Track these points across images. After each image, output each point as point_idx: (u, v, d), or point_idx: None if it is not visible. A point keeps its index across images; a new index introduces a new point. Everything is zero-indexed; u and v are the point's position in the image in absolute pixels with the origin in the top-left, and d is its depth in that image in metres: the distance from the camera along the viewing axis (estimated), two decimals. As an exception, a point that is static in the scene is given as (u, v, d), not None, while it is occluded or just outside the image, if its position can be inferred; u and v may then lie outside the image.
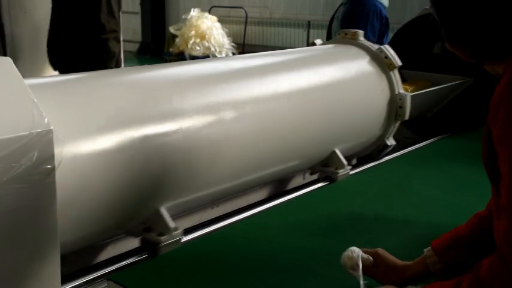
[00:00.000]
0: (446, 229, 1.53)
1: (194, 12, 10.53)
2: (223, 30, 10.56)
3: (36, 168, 1.26)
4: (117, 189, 1.60)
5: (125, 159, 1.60)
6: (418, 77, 3.31)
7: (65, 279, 1.56)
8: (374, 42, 4.06)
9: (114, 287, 1.54)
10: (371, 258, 1.42)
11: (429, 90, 3.01)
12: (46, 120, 1.28)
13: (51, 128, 1.28)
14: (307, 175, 2.58)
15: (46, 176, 1.28)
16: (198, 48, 10.08)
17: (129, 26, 12.10)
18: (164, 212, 1.78)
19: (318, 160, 2.44)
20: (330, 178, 2.44)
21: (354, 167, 2.63)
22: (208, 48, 10.03)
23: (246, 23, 11.25)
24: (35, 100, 1.30)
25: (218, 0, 11.63)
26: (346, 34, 2.76)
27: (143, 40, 12.65)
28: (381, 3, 4.80)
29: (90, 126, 1.56)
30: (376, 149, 2.74)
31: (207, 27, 10.31)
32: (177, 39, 10.45)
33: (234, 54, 9.84)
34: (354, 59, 2.65)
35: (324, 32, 5.97)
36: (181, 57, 9.80)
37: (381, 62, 2.63)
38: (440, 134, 3.14)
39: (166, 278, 1.57)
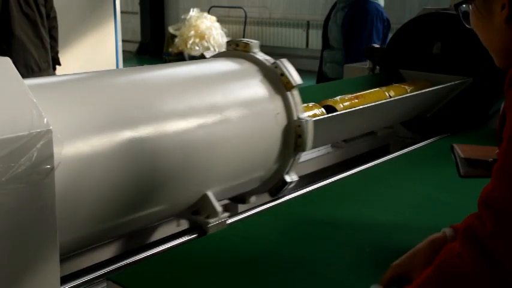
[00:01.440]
0: (445, 229, 1.52)
1: (193, 12, 10.56)
2: (222, 30, 10.59)
3: (35, 168, 1.26)
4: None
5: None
6: (417, 77, 3.32)
7: (65, 279, 1.57)
8: (379, 45, 4.06)
9: (113, 287, 1.54)
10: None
11: (425, 91, 3.01)
12: (45, 120, 1.28)
13: (51, 128, 1.29)
14: (182, 221, 2.08)
15: (45, 176, 1.28)
16: (197, 48, 10.11)
17: (129, 26, 12.12)
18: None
19: (185, 206, 1.91)
20: (201, 229, 1.92)
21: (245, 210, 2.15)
22: (208, 48, 10.06)
23: (245, 23, 11.27)
24: (34, 100, 1.31)
25: (217, 0, 11.65)
26: (237, 45, 2.22)
27: (142, 40, 12.68)
28: (380, 5, 4.79)
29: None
30: (275, 187, 2.20)
31: (206, 27, 10.34)
32: (176, 39, 10.48)
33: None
34: (242, 77, 2.12)
35: (324, 32, 5.97)
36: (180, 57, 9.83)
37: (276, 81, 2.11)
38: (439, 134, 3.14)
39: (166, 278, 1.57)
